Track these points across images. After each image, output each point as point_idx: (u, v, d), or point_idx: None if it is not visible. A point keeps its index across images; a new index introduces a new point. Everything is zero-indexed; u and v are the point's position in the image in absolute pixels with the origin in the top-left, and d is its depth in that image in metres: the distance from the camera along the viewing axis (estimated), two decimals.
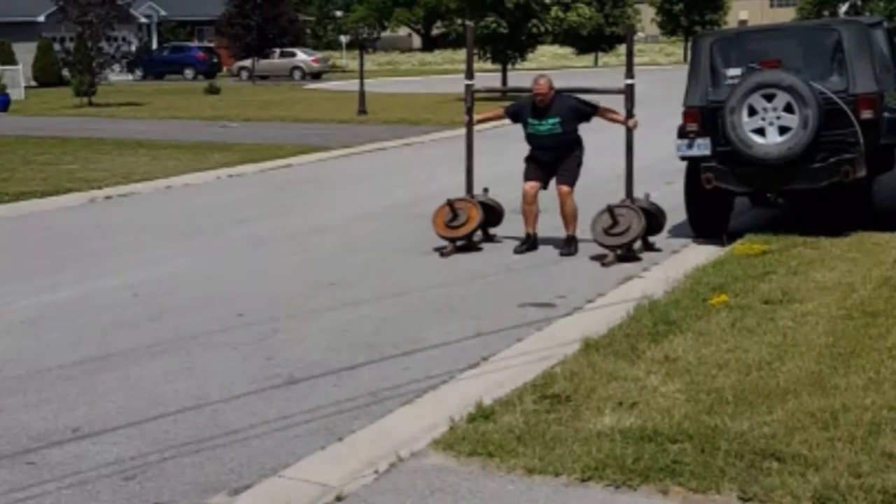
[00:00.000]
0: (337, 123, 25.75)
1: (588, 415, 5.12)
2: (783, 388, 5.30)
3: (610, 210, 9.12)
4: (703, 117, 9.75)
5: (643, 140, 10.26)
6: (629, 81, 9.51)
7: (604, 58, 62.94)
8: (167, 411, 5.68)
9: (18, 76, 38.60)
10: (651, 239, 9.58)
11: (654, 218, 9.46)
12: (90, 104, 32.92)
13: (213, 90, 39.03)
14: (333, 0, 77.29)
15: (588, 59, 62.32)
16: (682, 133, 9.92)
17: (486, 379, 5.99)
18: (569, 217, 9.57)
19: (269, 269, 9.52)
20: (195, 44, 58.15)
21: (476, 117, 10.18)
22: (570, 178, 9.56)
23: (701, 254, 9.25)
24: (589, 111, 9.60)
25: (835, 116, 9.23)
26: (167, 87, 45.77)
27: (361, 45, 36.73)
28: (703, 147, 9.73)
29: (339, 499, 4.42)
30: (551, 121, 9.44)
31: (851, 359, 5.76)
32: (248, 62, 49.85)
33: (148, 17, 57.17)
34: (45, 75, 45.44)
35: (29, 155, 19.63)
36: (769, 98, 9.28)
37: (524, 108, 9.70)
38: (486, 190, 10.18)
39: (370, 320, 7.53)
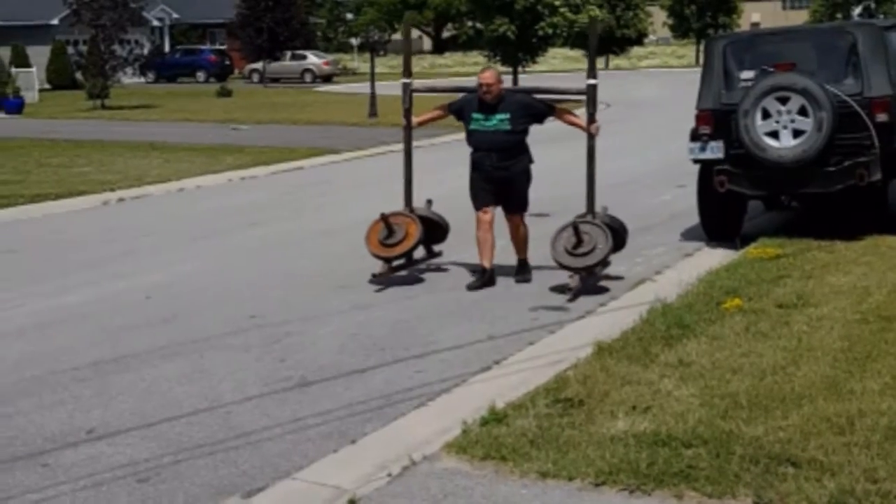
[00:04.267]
0: (348, 126, 25.78)
1: (601, 419, 5.10)
2: (798, 393, 5.28)
3: (574, 227, 8.15)
4: (716, 120, 9.72)
5: (655, 143, 10.27)
6: (591, 82, 8.43)
7: (615, 60, 62.86)
8: (181, 413, 5.68)
9: (32, 79, 38.76)
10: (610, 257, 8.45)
11: (617, 235, 8.49)
12: (103, 107, 33.05)
13: (224, 93, 39.14)
14: (344, 3, 77.40)
15: (599, 61, 62.22)
16: (695, 136, 9.88)
17: (499, 382, 5.98)
18: (521, 243, 8.71)
19: (280, 271, 9.53)
20: (207, 46, 58.33)
21: (415, 119, 9.05)
22: (521, 206, 8.64)
23: (714, 257, 9.23)
24: (543, 110, 8.61)
25: (849, 119, 9.19)
26: (179, 89, 45.89)
27: (372, 48, 36.80)
28: (715, 150, 9.70)
29: (352, 502, 4.41)
30: (500, 116, 8.35)
31: (867, 363, 5.73)
32: (259, 65, 49.98)
33: (160, 20, 57.34)
34: (59, 78, 45.63)
35: (43, 157, 19.72)
36: (783, 101, 9.25)
37: (469, 103, 8.60)
38: (429, 202, 9.25)
39: (381, 323, 7.53)
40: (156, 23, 55.74)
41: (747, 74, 9.76)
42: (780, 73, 9.45)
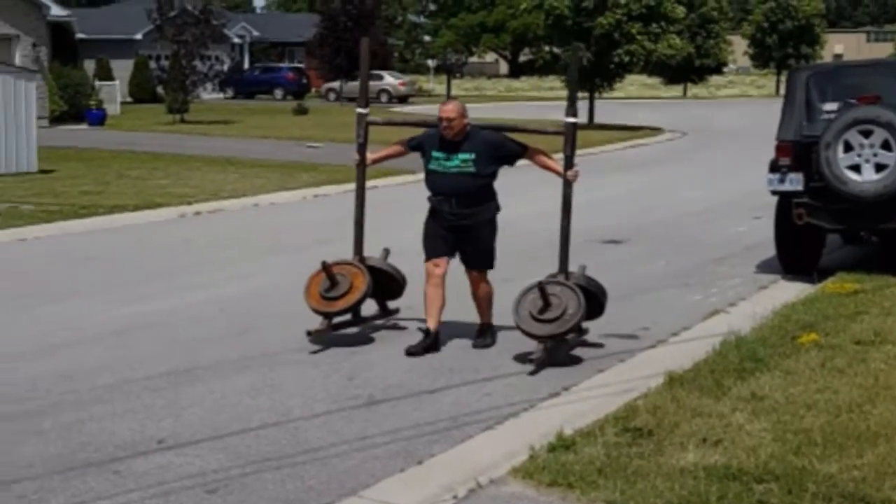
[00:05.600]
0: None
1: (671, 450, 5.04)
2: (874, 432, 5.16)
3: (541, 288, 6.96)
4: (797, 152, 9.59)
5: (732, 172, 10.14)
6: (570, 120, 7.24)
7: (693, 89, 62.40)
8: (250, 426, 5.74)
9: (115, 92, 39.71)
10: (585, 325, 7.31)
11: (594, 299, 7.29)
12: (182, 121, 33.72)
13: (301, 110, 39.69)
14: (422, 25, 78.06)
15: (677, 89, 61.88)
16: (775, 167, 9.76)
17: (567, 409, 5.94)
18: (483, 303, 7.61)
19: None
20: (285, 64, 59.22)
21: (370, 156, 8.16)
22: (486, 262, 7.60)
23: (790, 291, 9.08)
24: (515, 150, 7.48)
25: None
26: (257, 106, 46.62)
27: (449, 70, 37.02)
28: (795, 182, 9.57)
29: None
30: (463, 156, 7.33)
31: None
32: (336, 84, 50.56)
33: (241, 37, 58.47)
34: (141, 92, 46.68)
35: (123, 169, 20.17)
36: (866, 134, 9.10)
37: (430, 139, 7.63)
38: (386, 251, 8.32)
39: (450, 345, 7.53)
40: (236, 40, 56.84)
41: (830, 106, 9.63)
42: (863, 105, 9.29)
